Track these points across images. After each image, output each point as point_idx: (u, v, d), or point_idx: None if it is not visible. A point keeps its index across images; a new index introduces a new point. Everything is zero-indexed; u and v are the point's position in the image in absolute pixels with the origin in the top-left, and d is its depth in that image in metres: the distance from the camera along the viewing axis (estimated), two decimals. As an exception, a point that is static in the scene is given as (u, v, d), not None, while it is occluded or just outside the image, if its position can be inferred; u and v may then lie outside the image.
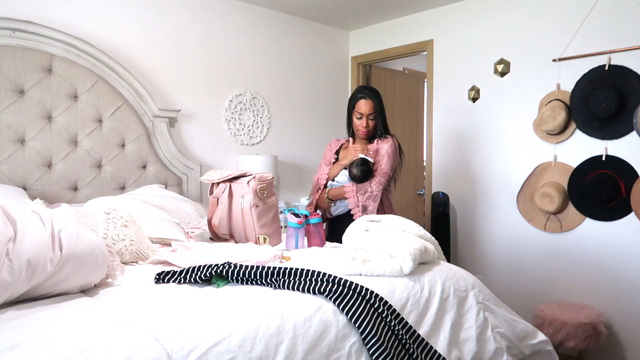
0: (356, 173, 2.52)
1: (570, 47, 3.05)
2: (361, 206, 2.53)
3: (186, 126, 3.37)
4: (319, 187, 2.71)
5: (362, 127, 2.61)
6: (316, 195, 2.72)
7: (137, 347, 1.05)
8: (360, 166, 2.52)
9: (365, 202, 2.53)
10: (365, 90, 2.65)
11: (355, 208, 2.55)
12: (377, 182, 2.53)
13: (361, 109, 2.60)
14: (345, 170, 2.63)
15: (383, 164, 2.56)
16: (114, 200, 2.42)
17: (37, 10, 2.69)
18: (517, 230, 3.36)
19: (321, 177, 2.72)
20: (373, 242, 1.77)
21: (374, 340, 1.34)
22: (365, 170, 2.52)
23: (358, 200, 2.53)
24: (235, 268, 1.50)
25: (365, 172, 2.52)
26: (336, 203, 2.66)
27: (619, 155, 2.86)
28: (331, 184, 2.69)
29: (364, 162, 2.53)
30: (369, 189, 2.53)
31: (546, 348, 1.86)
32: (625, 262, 2.88)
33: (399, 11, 3.88)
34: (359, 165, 2.52)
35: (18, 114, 2.57)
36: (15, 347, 1.00)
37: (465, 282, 1.76)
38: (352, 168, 2.54)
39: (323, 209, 2.71)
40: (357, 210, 2.54)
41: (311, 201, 2.76)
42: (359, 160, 2.54)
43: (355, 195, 2.54)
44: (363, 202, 2.53)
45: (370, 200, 2.53)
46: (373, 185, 2.53)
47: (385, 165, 2.55)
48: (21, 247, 1.25)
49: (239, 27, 3.63)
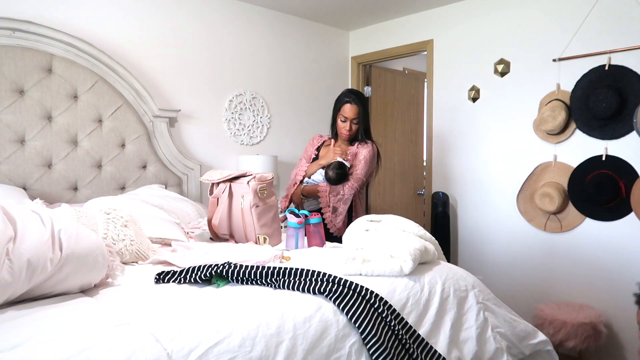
0: (331, 175, 2.62)
1: (570, 47, 3.05)
2: (332, 207, 2.63)
3: (186, 126, 3.37)
4: (295, 182, 2.79)
5: (345, 130, 2.71)
6: (292, 189, 2.80)
7: (137, 347, 1.05)
8: (336, 170, 2.61)
9: (336, 204, 2.63)
10: (352, 95, 2.71)
11: (325, 207, 2.65)
12: (350, 186, 2.62)
13: (346, 112, 2.69)
14: (322, 170, 2.71)
15: (359, 169, 2.65)
16: (114, 200, 2.42)
17: (37, 10, 2.69)
18: (517, 230, 3.36)
19: (299, 172, 2.81)
20: (373, 242, 1.77)
21: (374, 340, 1.34)
22: (341, 174, 2.62)
23: (329, 200, 2.63)
24: (235, 268, 1.50)
25: (340, 176, 2.62)
26: (309, 199, 2.75)
27: (619, 155, 2.86)
28: (307, 181, 2.77)
29: (340, 166, 2.63)
30: (341, 192, 2.62)
31: (546, 348, 1.86)
32: (625, 262, 2.88)
33: (399, 11, 3.88)
34: (335, 168, 2.62)
35: (18, 114, 2.57)
36: (15, 347, 1.00)
37: (465, 282, 1.76)
38: (329, 170, 2.63)
39: (296, 204, 2.80)
40: (327, 210, 2.64)
41: (287, 194, 2.83)
42: (336, 163, 2.64)
43: (328, 196, 2.63)
44: (334, 204, 2.63)
45: (341, 202, 2.63)
46: (345, 189, 2.62)
47: (361, 171, 2.65)
48: (21, 247, 1.25)
49: (239, 27, 3.63)
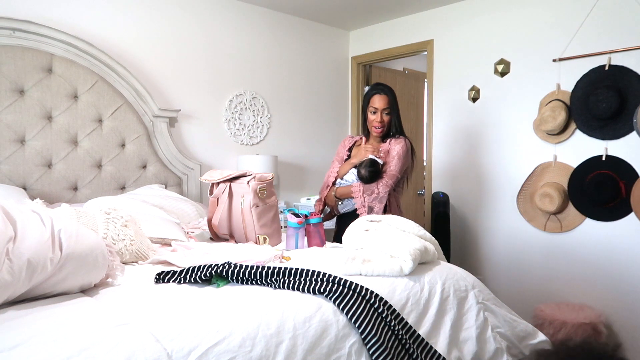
0: (364, 174, 2.51)
1: (570, 47, 3.04)
2: (367, 207, 2.52)
3: (186, 126, 3.37)
4: (328, 185, 2.70)
5: (377, 121, 2.57)
6: (325, 192, 2.71)
7: (137, 347, 1.05)
8: (369, 167, 2.50)
9: (371, 203, 2.51)
10: (380, 86, 2.63)
11: (361, 208, 2.53)
12: (384, 184, 2.51)
13: (375, 103, 2.57)
14: (354, 169, 2.62)
15: (392, 165, 2.53)
16: (114, 200, 2.42)
17: (37, 10, 2.69)
18: (517, 231, 3.36)
19: (331, 174, 2.72)
20: (373, 242, 1.77)
21: (373, 340, 1.33)
22: (374, 171, 2.51)
23: (364, 200, 2.51)
24: (235, 268, 1.50)
25: (373, 174, 2.51)
26: (343, 201, 2.65)
27: (619, 155, 2.86)
28: (340, 182, 2.68)
29: (372, 163, 2.51)
30: (375, 190, 2.51)
31: (546, 348, 1.86)
32: (625, 262, 2.88)
33: (399, 11, 3.88)
34: (368, 166, 2.51)
35: (18, 114, 2.57)
36: (15, 347, 1.00)
37: (465, 282, 1.76)
38: (361, 169, 2.53)
39: (331, 206, 2.71)
40: (363, 211, 2.52)
41: (320, 197, 2.75)
42: (368, 161, 2.52)
43: (362, 196, 2.52)
44: (369, 203, 2.51)
45: (376, 201, 2.51)
46: (380, 187, 2.50)
47: (395, 167, 2.53)
48: (21, 247, 1.25)
49: (239, 27, 3.63)
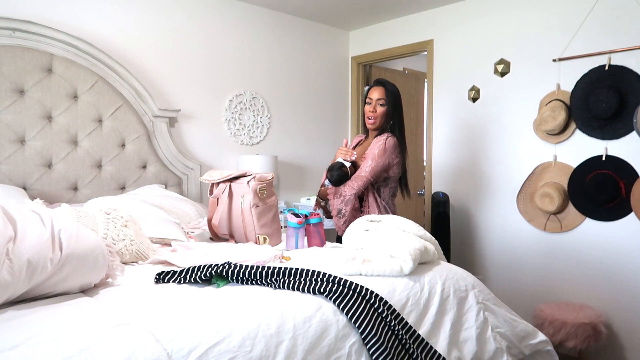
0: (330, 177, 2.49)
1: (570, 47, 3.04)
2: (336, 209, 2.48)
3: (186, 126, 3.37)
4: (322, 185, 2.69)
5: (369, 111, 2.52)
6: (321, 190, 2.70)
7: (137, 347, 1.05)
8: (334, 171, 2.47)
9: (339, 206, 2.47)
10: (380, 80, 2.59)
11: (334, 210, 2.50)
12: (350, 186, 2.43)
13: (371, 94, 2.55)
14: None
15: (363, 167, 2.46)
16: (114, 200, 2.42)
17: (37, 10, 2.69)
18: (517, 230, 3.36)
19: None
20: (373, 242, 1.77)
21: (374, 340, 1.33)
22: (339, 174, 2.46)
23: (335, 203, 2.49)
24: (235, 268, 1.50)
25: (339, 177, 2.46)
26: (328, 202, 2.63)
27: (619, 155, 2.86)
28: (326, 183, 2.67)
29: (339, 166, 2.48)
30: (342, 193, 2.46)
31: (546, 348, 1.86)
32: (625, 262, 2.88)
33: (399, 11, 3.88)
34: (334, 169, 2.48)
35: (18, 114, 2.57)
36: (15, 347, 1.00)
37: (465, 282, 1.76)
38: (329, 172, 2.51)
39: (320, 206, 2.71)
40: (334, 213, 2.49)
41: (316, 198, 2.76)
42: (336, 164, 2.50)
43: (333, 198, 2.50)
44: (338, 206, 2.47)
45: (343, 204, 2.45)
46: (346, 190, 2.44)
47: (364, 169, 2.45)
48: (21, 247, 1.25)
49: (239, 27, 3.63)
